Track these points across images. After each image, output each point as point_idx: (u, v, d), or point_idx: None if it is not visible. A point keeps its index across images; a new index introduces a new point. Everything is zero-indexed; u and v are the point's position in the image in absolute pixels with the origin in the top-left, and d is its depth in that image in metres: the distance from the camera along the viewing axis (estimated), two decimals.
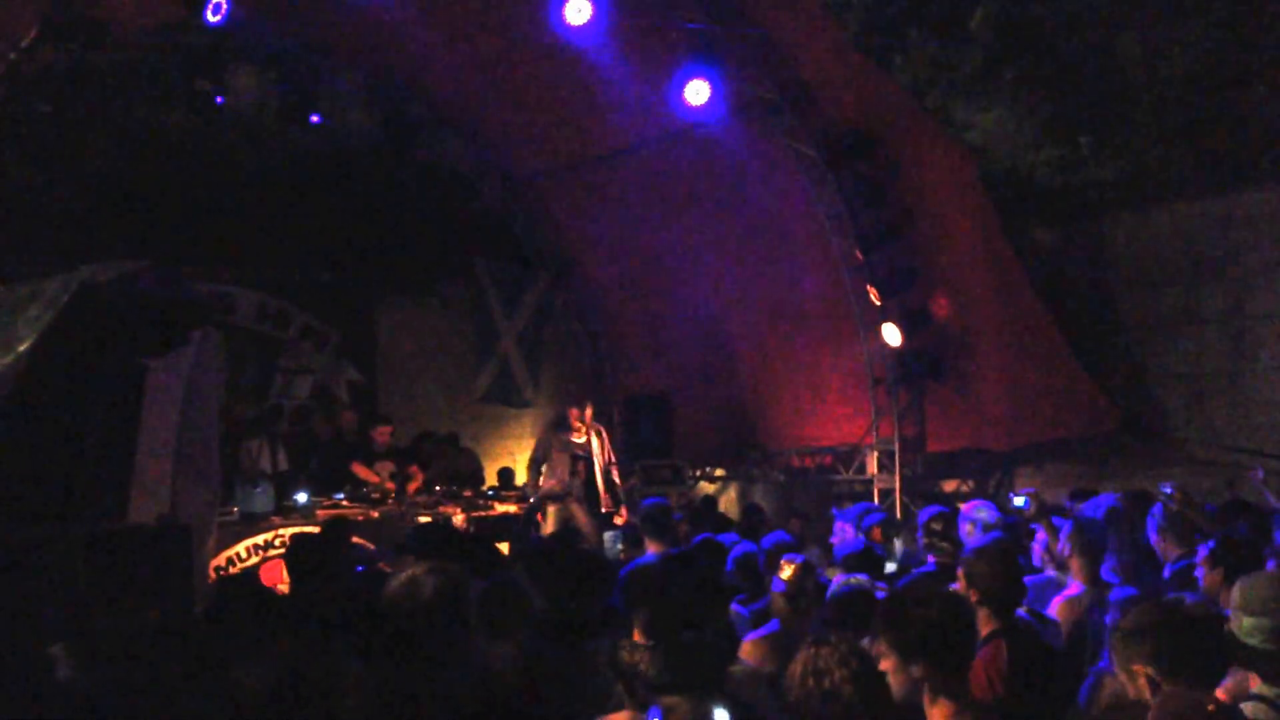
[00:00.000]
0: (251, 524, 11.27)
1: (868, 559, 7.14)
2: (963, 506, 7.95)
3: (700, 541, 7.80)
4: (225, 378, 10.27)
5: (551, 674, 4.08)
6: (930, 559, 7.38)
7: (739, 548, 7.63)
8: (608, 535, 12.55)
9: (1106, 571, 6.85)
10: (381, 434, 13.68)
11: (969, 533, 7.53)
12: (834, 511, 9.73)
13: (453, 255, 16.31)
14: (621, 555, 10.41)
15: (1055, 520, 7.25)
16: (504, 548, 10.34)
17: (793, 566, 6.02)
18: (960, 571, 5.51)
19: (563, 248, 17.07)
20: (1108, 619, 4.91)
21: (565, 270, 17.15)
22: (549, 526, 12.42)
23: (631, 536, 10.25)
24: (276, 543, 11.10)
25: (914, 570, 7.40)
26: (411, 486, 13.15)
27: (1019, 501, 8.45)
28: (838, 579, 6.86)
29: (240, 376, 14.45)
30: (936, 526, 7.41)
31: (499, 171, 16.34)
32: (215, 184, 14.28)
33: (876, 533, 8.07)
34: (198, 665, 3.85)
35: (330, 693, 3.68)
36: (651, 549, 8.17)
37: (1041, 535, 7.33)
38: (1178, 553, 6.96)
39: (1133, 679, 3.72)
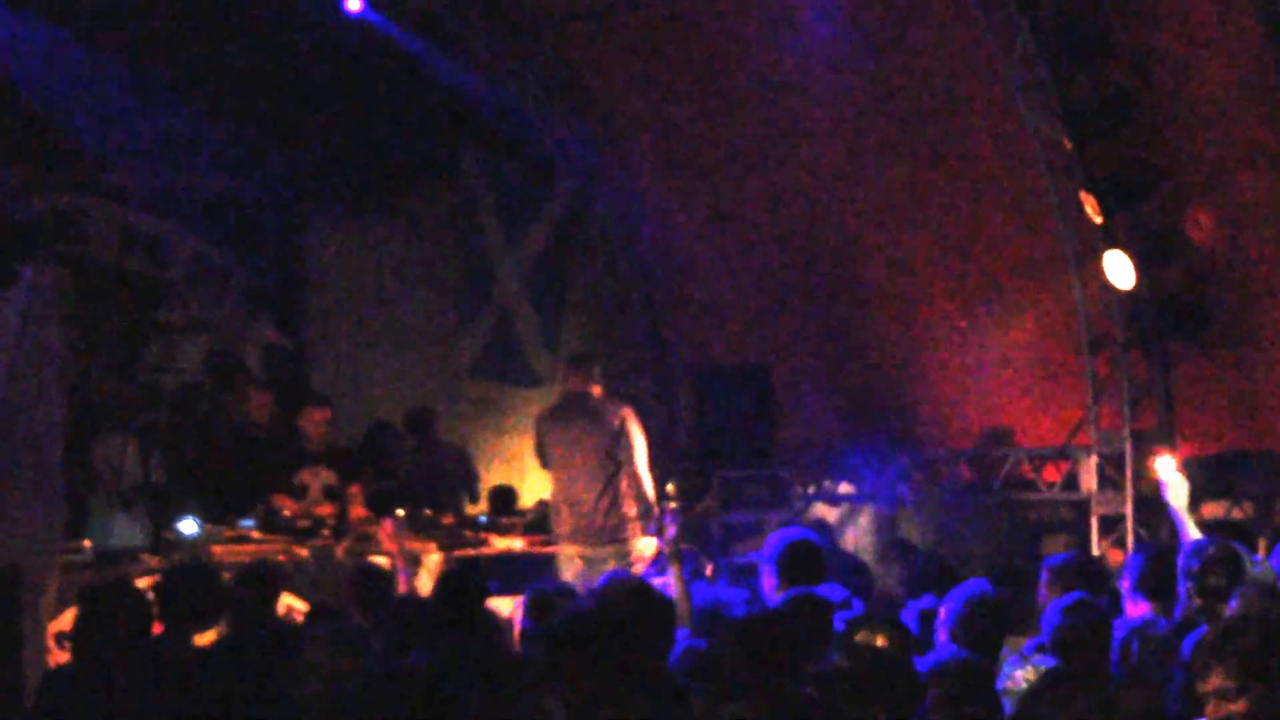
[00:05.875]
0: (113, 567, 10.25)
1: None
2: None
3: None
4: (72, 340, 10.29)
5: None
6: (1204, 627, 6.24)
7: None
8: None
9: None
10: (313, 422, 11.74)
11: None
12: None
13: (426, 147, 14.05)
14: None
15: None
16: (504, 605, 8.68)
17: None
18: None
19: (599, 135, 14.85)
20: None
21: (602, 171, 14.99)
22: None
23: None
24: (151, 595, 9.31)
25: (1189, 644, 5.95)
26: (355, 511, 11.50)
27: None
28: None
29: (95, 339, 12.89)
30: (1214, 580, 6.40)
31: (496, 14, 13.95)
32: None
33: None
34: None
35: None
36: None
37: None
38: None
39: None
